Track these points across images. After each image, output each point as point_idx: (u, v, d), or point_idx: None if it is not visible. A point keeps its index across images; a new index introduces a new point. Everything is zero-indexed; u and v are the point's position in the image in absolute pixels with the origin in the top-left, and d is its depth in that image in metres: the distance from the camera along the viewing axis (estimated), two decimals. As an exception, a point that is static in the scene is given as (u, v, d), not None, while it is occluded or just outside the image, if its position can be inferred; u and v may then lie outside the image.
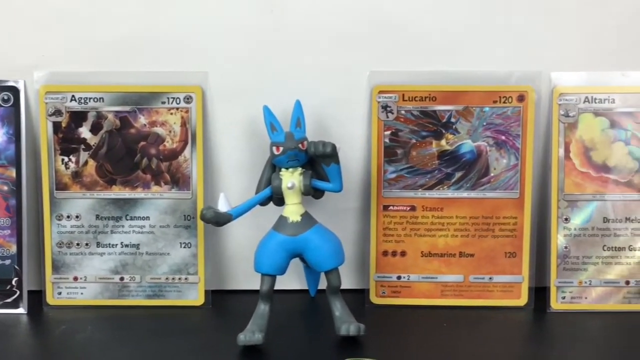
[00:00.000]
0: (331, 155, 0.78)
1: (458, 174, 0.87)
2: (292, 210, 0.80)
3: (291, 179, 0.80)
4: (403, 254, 0.88)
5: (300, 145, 0.79)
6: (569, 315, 0.87)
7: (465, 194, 0.87)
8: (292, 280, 0.90)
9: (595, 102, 0.86)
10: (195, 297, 0.88)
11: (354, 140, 0.87)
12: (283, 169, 0.80)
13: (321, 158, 0.79)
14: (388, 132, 0.87)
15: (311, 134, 0.85)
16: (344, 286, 0.87)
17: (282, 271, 0.80)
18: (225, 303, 0.89)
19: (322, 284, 0.86)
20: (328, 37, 0.86)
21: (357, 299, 0.89)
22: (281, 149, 0.79)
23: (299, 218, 0.79)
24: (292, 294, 0.91)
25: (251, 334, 0.77)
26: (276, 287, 0.84)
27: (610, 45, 0.86)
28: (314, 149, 0.78)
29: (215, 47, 0.86)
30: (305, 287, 0.90)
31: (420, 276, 0.88)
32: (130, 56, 0.85)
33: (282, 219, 0.80)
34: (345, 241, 0.88)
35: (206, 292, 0.88)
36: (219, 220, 0.78)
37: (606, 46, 0.86)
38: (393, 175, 0.87)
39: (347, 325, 0.79)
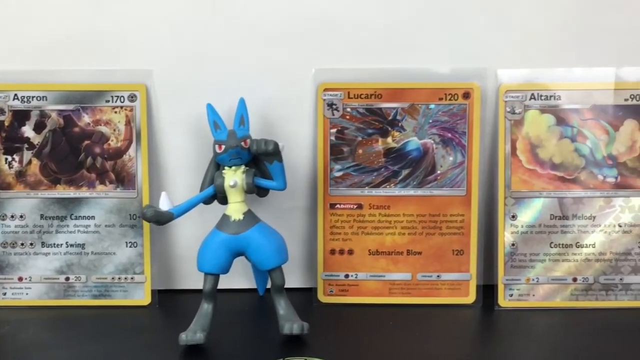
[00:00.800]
0: (273, 153, 0.78)
1: (404, 172, 0.87)
2: (235, 208, 0.79)
3: (233, 177, 0.79)
4: (350, 252, 0.88)
5: (242, 144, 0.79)
6: (517, 312, 0.86)
7: (412, 192, 0.87)
8: (241, 279, 0.89)
9: (541, 99, 0.85)
10: (141, 297, 0.87)
11: (300, 138, 0.87)
12: (226, 167, 0.80)
13: (264, 156, 0.79)
14: (334, 130, 0.87)
15: (257, 132, 0.85)
16: (292, 285, 0.89)
17: (225, 270, 0.79)
18: (172, 302, 0.88)
19: (271, 283, 0.86)
20: (273, 34, 0.85)
21: (306, 297, 0.89)
22: (223, 147, 0.79)
23: (241, 216, 0.79)
24: (241, 293, 0.91)
25: (193, 334, 0.77)
26: (225, 286, 0.85)
27: (556, 42, 0.86)
28: (256, 147, 0.78)
29: (159, 45, 0.85)
30: (255, 286, 0.90)
31: (368, 274, 0.88)
32: (73, 54, 0.85)
33: (224, 218, 0.80)
34: (293, 240, 0.89)
35: (153, 291, 0.87)
36: (160, 219, 0.78)
37: (552, 43, 0.86)
38: (339, 174, 0.87)
39: (291, 324, 0.79)
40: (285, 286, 0.85)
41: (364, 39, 0.86)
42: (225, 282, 0.84)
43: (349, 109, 0.86)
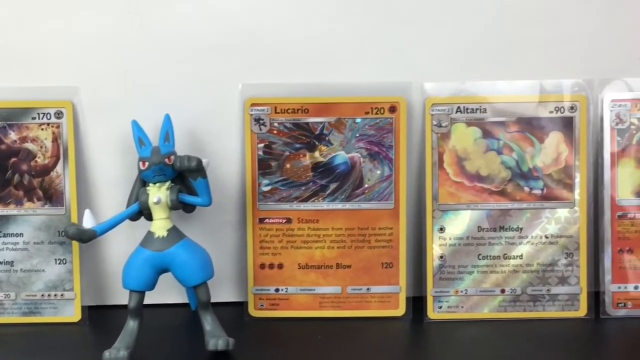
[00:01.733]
0: (197, 170, 0.78)
1: (333, 186, 0.88)
2: (159, 225, 0.80)
3: (157, 194, 0.80)
4: (280, 266, 0.88)
5: (166, 160, 0.80)
6: (446, 324, 0.87)
7: (340, 206, 0.88)
8: (174, 294, 0.90)
9: (467, 112, 0.87)
10: (71, 314, 0.87)
11: (228, 153, 0.88)
12: (151, 184, 0.80)
13: (187, 172, 0.79)
14: (261, 145, 0.87)
15: (185, 148, 0.86)
16: (223, 299, 0.90)
17: (150, 287, 0.80)
18: (102, 319, 0.89)
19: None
20: (199, 49, 0.86)
21: (237, 311, 0.90)
22: (147, 163, 0.80)
23: (165, 233, 0.79)
24: (174, 308, 0.91)
25: (116, 352, 0.77)
26: (158, 302, 0.86)
27: (481, 55, 0.87)
28: (179, 164, 0.78)
29: (86, 61, 0.86)
30: (188, 301, 0.90)
31: (298, 288, 0.89)
32: None
33: (149, 235, 0.80)
34: (224, 254, 0.90)
35: (82, 308, 0.88)
36: (82, 237, 0.78)
37: (477, 57, 0.87)
38: (268, 188, 0.88)
39: (216, 339, 0.79)
40: (217, 300, 0.87)
41: (291, 54, 0.87)
42: (157, 297, 0.86)
43: (276, 124, 0.87)
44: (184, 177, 0.81)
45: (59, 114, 0.85)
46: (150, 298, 0.83)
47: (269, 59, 0.87)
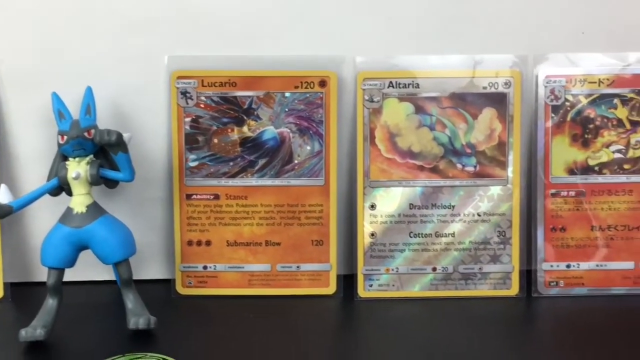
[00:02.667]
0: (117, 144, 0.77)
1: (261, 162, 0.87)
2: (78, 201, 0.79)
3: (77, 168, 0.79)
4: (208, 243, 0.88)
5: (86, 134, 0.79)
6: (377, 302, 0.88)
7: (269, 182, 0.87)
8: (101, 271, 0.88)
9: (400, 87, 0.86)
10: None
11: (154, 127, 0.88)
12: (70, 158, 0.80)
13: (108, 147, 0.79)
14: (188, 119, 0.87)
15: (110, 122, 0.86)
16: (152, 276, 0.90)
17: (70, 264, 0.79)
18: (26, 296, 0.88)
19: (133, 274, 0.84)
20: (124, 21, 0.86)
21: (164, 289, 0.90)
22: (66, 137, 0.79)
23: (84, 209, 0.79)
24: (102, 285, 0.90)
25: (33, 330, 0.76)
26: (85, 279, 0.86)
27: (415, 30, 0.87)
28: (99, 138, 0.78)
29: (7, 33, 0.85)
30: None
31: (227, 266, 0.89)
32: None
33: (68, 211, 0.80)
34: (151, 231, 0.90)
35: (5, 284, 0.87)
36: None
37: (411, 31, 0.87)
38: (195, 164, 0.87)
39: (137, 318, 0.79)
40: (144, 278, 0.88)
41: (219, 26, 0.86)
42: (84, 274, 0.85)
43: (203, 98, 0.86)
44: (106, 152, 0.80)
45: None
46: (76, 275, 0.83)
47: (196, 31, 0.86)
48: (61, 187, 0.81)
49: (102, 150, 0.81)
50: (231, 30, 0.86)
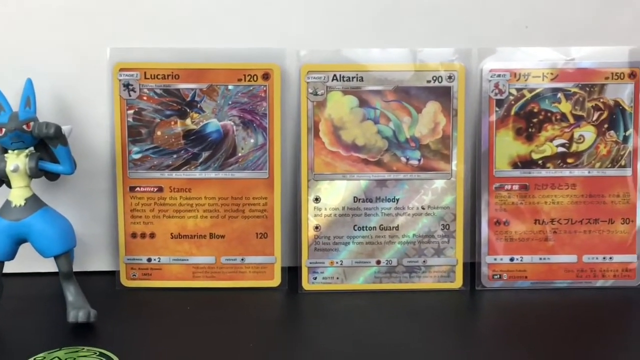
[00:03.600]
0: (56, 136, 0.77)
1: (205, 154, 0.87)
2: (17, 194, 0.79)
3: (15, 161, 0.78)
4: (152, 235, 0.88)
5: (24, 127, 0.78)
6: (321, 295, 0.88)
7: (213, 175, 0.88)
8: (44, 263, 0.86)
9: (344, 80, 0.86)
10: None
11: (97, 119, 0.88)
12: (9, 151, 0.79)
13: (47, 140, 0.78)
14: (131, 111, 0.87)
15: (52, 114, 0.86)
16: (96, 268, 0.91)
17: (8, 257, 0.79)
18: None
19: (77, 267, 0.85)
20: (65, 12, 0.86)
21: (109, 281, 0.90)
22: (4, 130, 0.78)
23: (23, 202, 0.78)
24: (44, 277, 0.90)
25: None
26: (29, 270, 0.86)
27: (359, 23, 0.87)
28: (37, 130, 0.78)
29: None
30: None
31: (171, 258, 0.88)
32: None
33: (6, 203, 0.79)
34: (94, 223, 0.90)
35: None
36: None
37: (355, 24, 0.87)
38: (138, 156, 0.87)
39: (77, 311, 0.78)
40: (88, 269, 0.88)
41: (162, 18, 0.86)
42: (28, 266, 0.85)
43: (146, 90, 0.86)
44: (47, 145, 0.80)
45: None
46: (20, 266, 0.83)
47: (138, 24, 0.86)
48: (0, 180, 0.80)
49: (42, 143, 0.80)
50: (175, 22, 0.85)
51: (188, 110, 0.86)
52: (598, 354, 0.79)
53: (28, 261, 0.83)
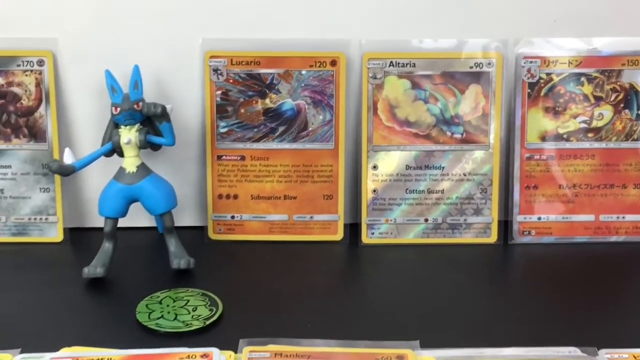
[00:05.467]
0: (162, 115, 0.88)
1: (281, 128, 0.97)
2: (129, 162, 0.90)
3: (128, 135, 0.90)
4: (235, 197, 0.99)
5: (135, 106, 0.89)
6: (378, 247, 0.98)
7: (287, 146, 0.98)
8: (144, 219, 0.99)
9: (399, 66, 0.96)
10: (54, 235, 0.98)
11: (190, 99, 0.97)
12: (122, 126, 0.90)
13: (154, 117, 0.89)
14: (219, 92, 0.96)
15: (153, 95, 0.95)
16: (187, 224, 1.00)
17: (122, 214, 0.90)
18: (81, 239, 0.99)
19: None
20: (165, 7, 0.94)
21: (198, 235, 0.99)
22: (119, 109, 0.89)
23: (134, 169, 0.90)
24: (144, 231, 1.00)
25: (94, 268, 0.89)
26: (130, 225, 0.95)
27: (412, 15, 0.95)
28: (146, 110, 0.88)
29: (64, 16, 0.94)
30: (155, 225, 1.01)
31: (251, 216, 0.99)
32: None
33: (120, 170, 0.90)
34: (188, 186, 1.00)
35: (64, 230, 0.98)
36: (63, 171, 0.89)
37: (409, 17, 0.95)
38: (225, 130, 0.97)
39: (179, 259, 0.90)
40: (182, 225, 0.97)
41: (246, 13, 0.95)
42: (130, 222, 0.94)
43: (232, 74, 0.96)
44: (152, 121, 0.91)
45: (40, 62, 0.94)
46: (123, 222, 0.92)
47: (226, 17, 0.95)
48: (114, 150, 0.91)
49: (148, 119, 0.91)
50: (257, 16, 0.94)
51: (267, 91, 0.97)
52: (612, 296, 0.89)
53: (131, 217, 0.93)
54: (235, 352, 0.75)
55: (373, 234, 0.99)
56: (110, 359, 0.73)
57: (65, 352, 0.74)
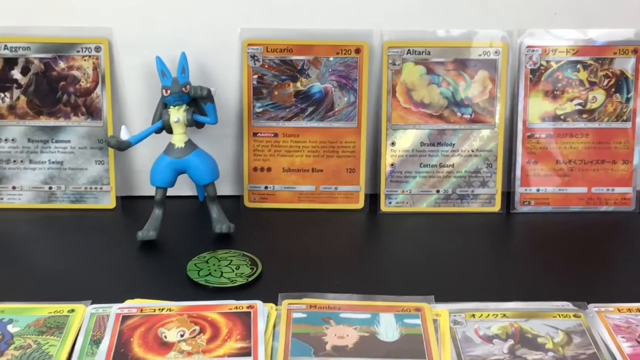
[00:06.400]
0: (207, 97, 0.98)
1: (310, 109, 1.06)
2: (178, 138, 0.99)
3: (177, 114, 0.99)
4: (269, 169, 1.07)
5: (183, 89, 0.98)
6: (395, 215, 1.07)
7: (315, 124, 1.06)
8: (186, 188, 1.10)
9: (415, 54, 1.04)
10: (108, 202, 1.07)
11: (230, 82, 1.05)
12: (171, 106, 1.00)
13: (200, 99, 0.99)
14: (255, 76, 1.04)
15: (197, 78, 1.03)
16: (225, 193, 1.09)
17: (171, 184, 1.00)
18: (132, 206, 1.08)
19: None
20: (208, 1, 1.02)
21: (235, 203, 1.09)
22: (169, 91, 0.98)
23: (182, 144, 0.99)
24: (186, 199, 1.10)
25: (147, 232, 0.99)
26: (174, 194, 1.04)
27: (428, 9, 1.04)
28: (193, 92, 0.98)
29: (116, 8, 1.03)
30: (196, 194, 1.12)
31: (282, 186, 1.08)
32: (51, 14, 1.03)
33: (170, 145, 1.00)
34: (226, 159, 1.09)
35: (117, 198, 1.07)
36: (120, 146, 0.98)
37: (424, 10, 1.04)
38: (260, 110, 1.06)
39: (221, 224, 1.00)
40: (221, 194, 1.03)
41: (280, 5, 1.03)
42: (175, 191, 1.03)
43: (267, 60, 1.04)
44: (197, 101, 1.00)
45: (97, 49, 1.04)
46: (169, 191, 1.02)
47: (262, 10, 1.03)
48: (163, 127, 1.01)
49: (193, 100, 1.00)
50: (289, 8, 1.03)
51: (298, 75, 1.04)
52: (601, 259, 0.98)
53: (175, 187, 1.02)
54: (276, 304, 0.86)
55: (390, 203, 1.08)
56: (170, 309, 0.85)
57: (129, 303, 0.86)
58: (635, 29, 1.04)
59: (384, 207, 1.08)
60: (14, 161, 1.06)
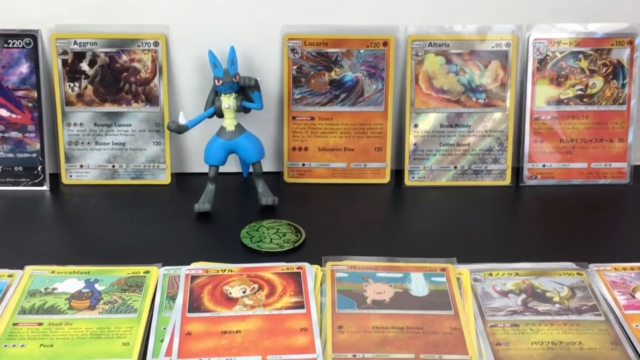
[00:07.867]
0: (254, 86, 1.10)
1: (343, 95, 1.17)
2: (229, 122, 1.11)
3: (228, 101, 1.10)
4: (306, 149, 1.18)
5: (233, 79, 1.09)
6: (417, 189, 1.19)
7: (347, 109, 1.17)
8: (232, 166, 1.21)
9: (436, 46, 1.15)
10: (164, 179, 1.19)
11: (272, 72, 1.16)
12: (222, 94, 1.10)
13: (247, 88, 1.11)
14: (295, 67, 1.15)
15: (244, 69, 1.14)
16: (267, 170, 1.19)
17: (222, 163, 1.12)
18: (186, 183, 1.19)
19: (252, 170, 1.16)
20: (253, 0, 1.14)
21: (276, 179, 1.20)
22: (221, 81, 1.08)
23: (233, 128, 1.11)
24: (232, 176, 1.21)
25: (202, 204, 1.11)
26: (221, 171, 1.14)
27: (448, 7, 1.14)
28: (242, 82, 1.09)
29: (171, 8, 1.14)
30: (241, 171, 1.22)
31: (318, 164, 1.19)
32: (115, 14, 1.14)
33: (222, 128, 1.11)
34: (268, 140, 1.21)
35: (172, 175, 1.19)
36: (179, 130, 1.10)
37: (445, 7, 1.15)
38: (299, 96, 1.17)
39: (266, 198, 1.12)
40: (264, 171, 1.13)
41: (317, 4, 1.13)
42: (221, 169, 1.12)
43: (305, 53, 1.15)
44: (245, 89, 1.12)
45: (156, 43, 1.15)
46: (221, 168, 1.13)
47: (301, 8, 1.14)
48: (215, 113, 1.12)
49: (241, 88, 1.10)
50: (325, 6, 1.14)
51: (333, 66, 1.15)
52: (600, 225, 1.10)
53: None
54: (320, 266, 0.99)
55: (413, 178, 1.19)
56: (231, 270, 0.99)
57: (196, 265, 1.00)
58: (629, 23, 1.15)
59: (408, 181, 1.19)
60: (82, 143, 1.18)
